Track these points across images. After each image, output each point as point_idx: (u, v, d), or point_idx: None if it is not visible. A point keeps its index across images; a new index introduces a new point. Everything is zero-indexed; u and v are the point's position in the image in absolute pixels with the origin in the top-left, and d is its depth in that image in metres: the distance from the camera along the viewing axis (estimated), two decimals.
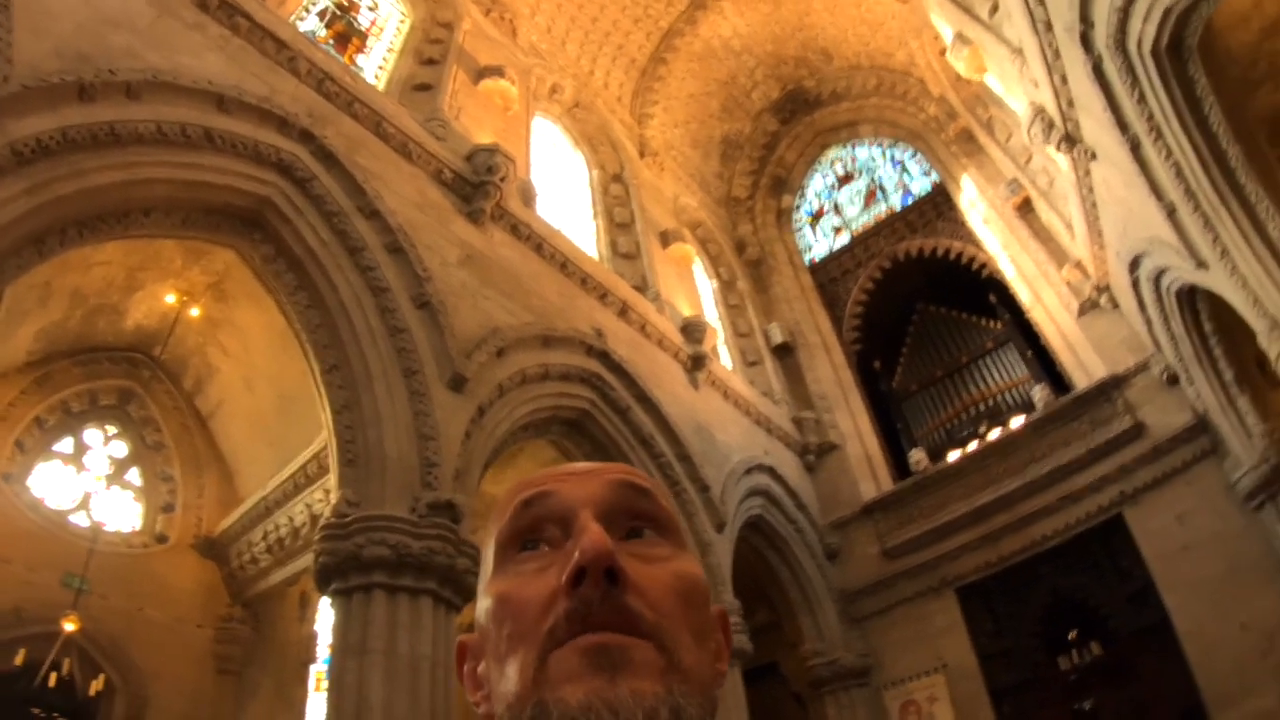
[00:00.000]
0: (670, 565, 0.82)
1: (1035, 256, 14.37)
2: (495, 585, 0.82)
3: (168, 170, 6.58)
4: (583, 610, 0.74)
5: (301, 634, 12.01)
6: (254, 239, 7.25)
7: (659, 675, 0.72)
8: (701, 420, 11.65)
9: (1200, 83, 8.42)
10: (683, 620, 0.78)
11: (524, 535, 0.84)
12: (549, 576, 0.78)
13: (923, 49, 16.48)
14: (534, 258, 10.42)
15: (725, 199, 18.88)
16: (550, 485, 0.86)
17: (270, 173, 7.29)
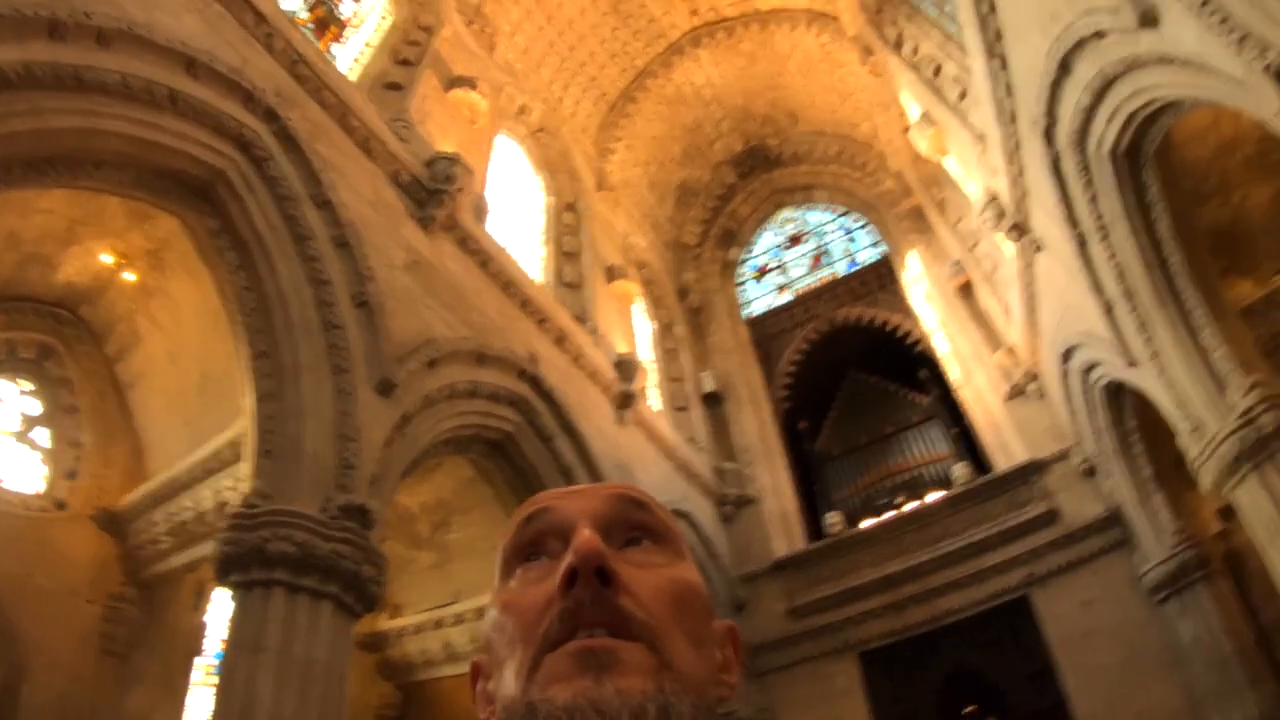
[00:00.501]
0: (666, 571, 0.83)
1: (971, 338, 14.65)
2: (499, 597, 0.85)
3: (126, 125, 6.34)
4: (574, 609, 0.75)
5: (193, 624, 11.48)
6: (201, 210, 6.97)
7: (649, 674, 0.73)
8: (624, 458, 11.52)
9: (1152, 189, 8.70)
10: (676, 624, 0.78)
11: (526, 549, 0.87)
12: (547, 584, 0.80)
13: (887, 124, 16.86)
14: (478, 273, 10.27)
15: (674, 243, 18.94)
16: (551, 502, 0.89)
17: (229, 146, 7.09)
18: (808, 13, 16.10)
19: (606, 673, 0.72)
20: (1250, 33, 5.62)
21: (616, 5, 15.51)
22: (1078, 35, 7.78)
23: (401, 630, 10.75)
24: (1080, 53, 8.02)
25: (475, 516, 9.93)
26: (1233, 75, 6.02)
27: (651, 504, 0.90)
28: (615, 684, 0.71)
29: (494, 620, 0.83)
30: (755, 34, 16.66)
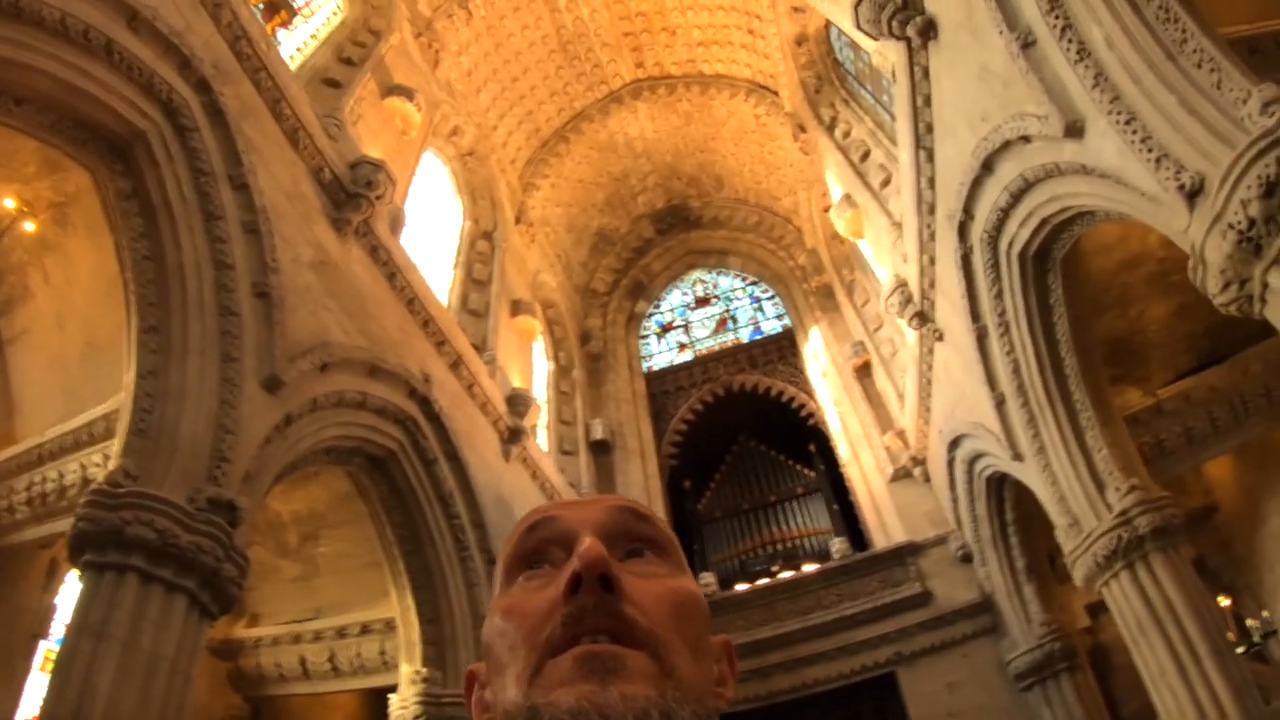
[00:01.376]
0: (668, 582, 0.84)
1: (863, 418, 14.96)
2: (500, 603, 0.85)
3: (57, 66, 5.96)
4: (578, 615, 0.76)
5: (42, 604, 10.53)
6: (115, 169, 6.54)
7: (652, 681, 0.73)
8: (505, 493, 11.24)
9: (1056, 293, 9.04)
10: (677, 632, 0.79)
11: (529, 558, 0.88)
12: (550, 591, 0.80)
13: (809, 201, 17.32)
14: (384, 285, 9.97)
15: (583, 288, 18.90)
16: (554, 512, 0.91)
17: (155, 109, 6.71)
18: (750, 84, 16.52)
19: (611, 678, 0.72)
20: (1169, 153, 5.92)
21: (566, 45, 15.59)
22: (1005, 137, 8.08)
23: (257, 641, 10.09)
24: (1005, 154, 8.33)
25: (346, 532, 9.45)
26: (1147, 191, 6.32)
27: (653, 517, 0.92)
28: (619, 689, 0.71)
29: (495, 626, 0.83)
30: (695, 96, 16.97)
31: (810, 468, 15.78)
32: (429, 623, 8.93)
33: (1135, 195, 6.55)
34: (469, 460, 10.24)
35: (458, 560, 9.45)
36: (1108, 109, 6.42)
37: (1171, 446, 10.24)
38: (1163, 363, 10.31)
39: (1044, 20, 6.80)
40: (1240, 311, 5.67)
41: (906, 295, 12.13)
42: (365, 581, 9.67)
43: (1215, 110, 5.59)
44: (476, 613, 9.35)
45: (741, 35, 15.68)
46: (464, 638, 9.04)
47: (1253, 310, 5.53)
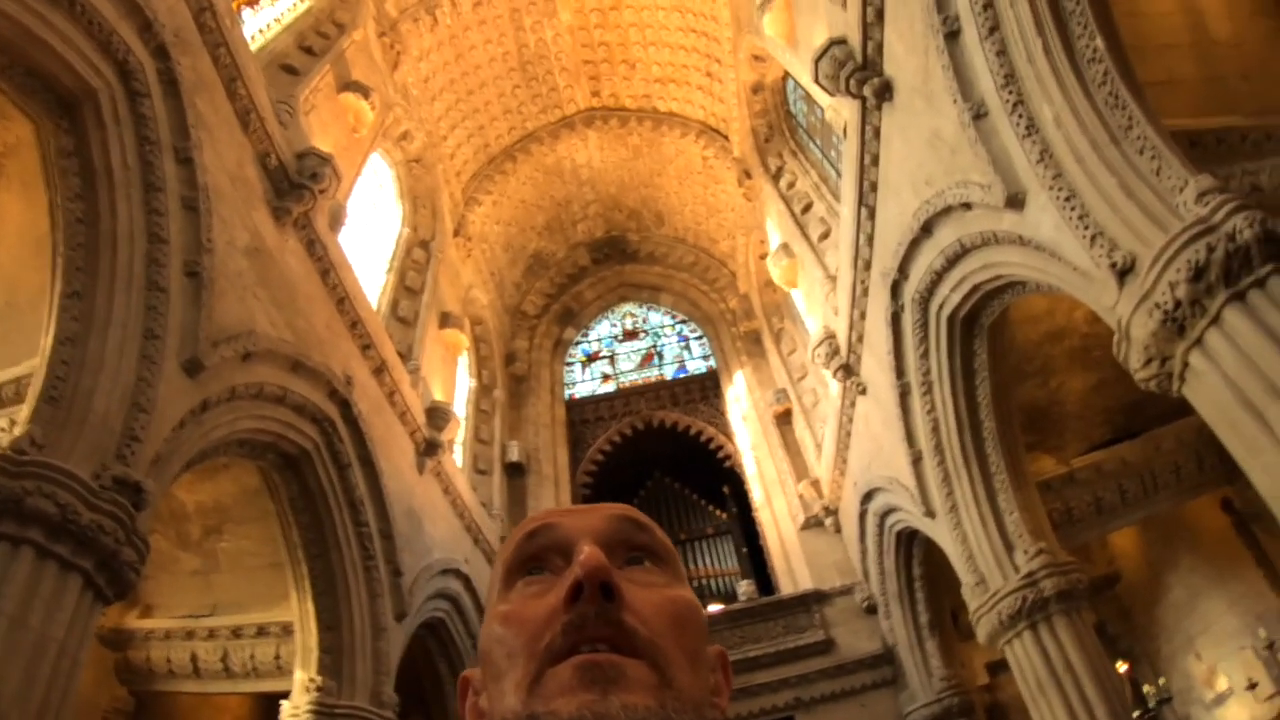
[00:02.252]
0: (666, 591, 0.84)
1: (779, 464, 15.13)
2: (498, 609, 0.84)
3: (16, 9, 5.67)
4: (579, 623, 0.76)
5: None
6: (60, 125, 6.24)
7: (652, 691, 0.73)
8: (416, 506, 11.01)
9: (981, 358, 9.32)
10: (676, 641, 0.79)
11: (528, 564, 0.87)
12: (548, 599, 0.80)
13: (746, 247, 17.58)
14: (316, 280, 9.75)
15: (514, 309, 18.78)
16: (554, 519, 0.90)
17: (110, 69, 6.44)
18: (701, 125, 16.77)
19: (612, 687, 0.71)
20: (1104, 231, 6.19)
21: (525, 65, 15.60)
22: (947, 203, 8.33)
23: (149, 633, 9.56)
24: (945, 219, 8.59)
25: (251, 530, 9.08)
26: (1080, 267, 6.58)
27: (652, 526, 0.92)
28: (620, 699, 0.70)
29: (493, 633, 0.82)
30: (646, 131, 17.13)
31: (723, 509, 15.87)
32: (328, 630, 8.61)
33: (1068, 269, 6.82)
34: (383, 469, 10.00)
35: (363, 569, 9.17)
36: (1050, 184, 6.68)
37: (1080, 514, 10.63)
38: (1078, 434, 10.74)
39: (998, 94, 7.06)
40: (1159, 388, 5.93)
41: (834, 347, 12.36)
42: (266, 582, 9.29)
43: (1153, 195, 5.88)
44: (377, 624, 9.07)
45: (699, 77, 15.94)
46: (363, 648, 8.75)
47: (1172, 388, 5.79)
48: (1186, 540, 11.82)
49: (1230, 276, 5.17)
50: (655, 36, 15.52)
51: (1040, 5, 6.49)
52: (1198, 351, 5.40)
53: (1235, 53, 7.95)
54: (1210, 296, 5.27)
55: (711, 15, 14.60)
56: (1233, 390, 5.08)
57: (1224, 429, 5.25)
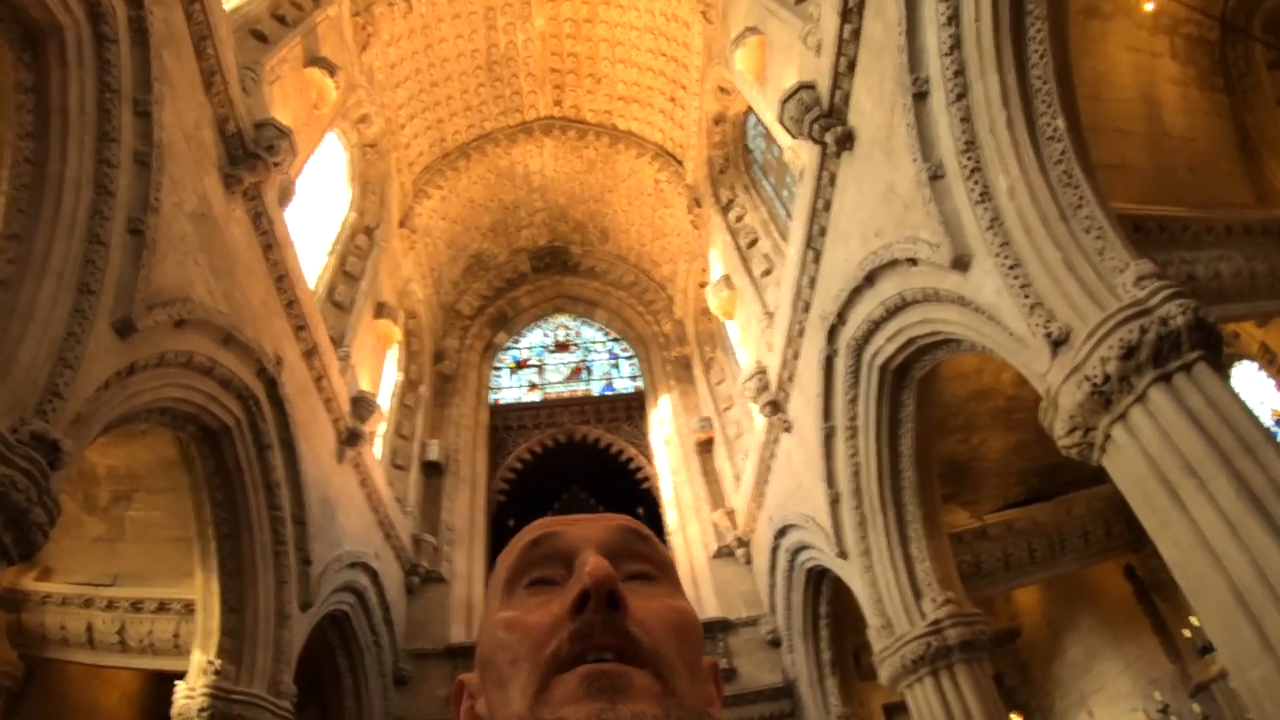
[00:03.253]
0: (667, 602, 0.85)
1: (696, 491, 15.26)
2: (500, 615, 0.84)
3: None
4: (585, 632, 0.76)
5: None
6: (22, 58, 5.99)
7: (657, 699, 0.74)
8: (331, 495, 10.79)
9: (908, 408, 9.59)
10: (678, 651, 0.80)
11: (530, 572, 0.88)
12: (553, 606, 0.81)
13: (687, 273, 17.76)
14: (258, 254, 9.54)
15: (449, 307, 18.60)
16: (557, 528, 0.92)
17: (80, 7, 6.22)
18: (658, 148, 16.92)
19: (619, 696, 0.72)
20: (1044, 302, 6.47)
21: (492, 66, 15.54)
22: (894, 256, 8.57)
23: (46, 596, 9.08)
24: (890, 271, 8.83)
25: (162, 501, 8.77)
26: (1016, 332, 6.86)
27: (652, 537, 0.94)
28: (629, 708, 0.71)
29: (496, 639, 0.82)
30: (603, 147, 17.21)
31: None
32: (231, 612, 8.35)
33: (1004, 334, 7.09)
34: (303, 453, 9.78)
35: (272, 553, 8.93)
36: (997, 251, 6.95)
37: (989, 569, 11.01)
38: (994, 491, 11.15)
39: (957, 158, 7.32)
40: (1080, 456, 6.21)
41: (764, 382, 12.55)
42: (171, 556, 8.96)
43: (1094, 273, 6.18)
44: (282, 611, 8.83)
45: (663, 100, 16.11)
46: (265, 635, 8.50)
47: (1092, 456, 6.08)
48: (1087, 602, 12.37)
49: (1159, 359, 5.48)
50: (625, 55, 15.65)
51: (1009, 80, 6.79)
52: (1120, 426, 5.69)
53: (1186, 147, 8.45)
54: (1138, 375, 5.56)
55: (684, 42, 14.80)
56: (1150, 465, 5.36)
57: (1138, 500, 5.53)
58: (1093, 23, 8.02)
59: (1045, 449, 10.79)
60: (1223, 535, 4.67)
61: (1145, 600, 11.51)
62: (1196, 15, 8.45)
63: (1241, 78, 9.18)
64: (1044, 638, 12.80)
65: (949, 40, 7.13)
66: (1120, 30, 8.15)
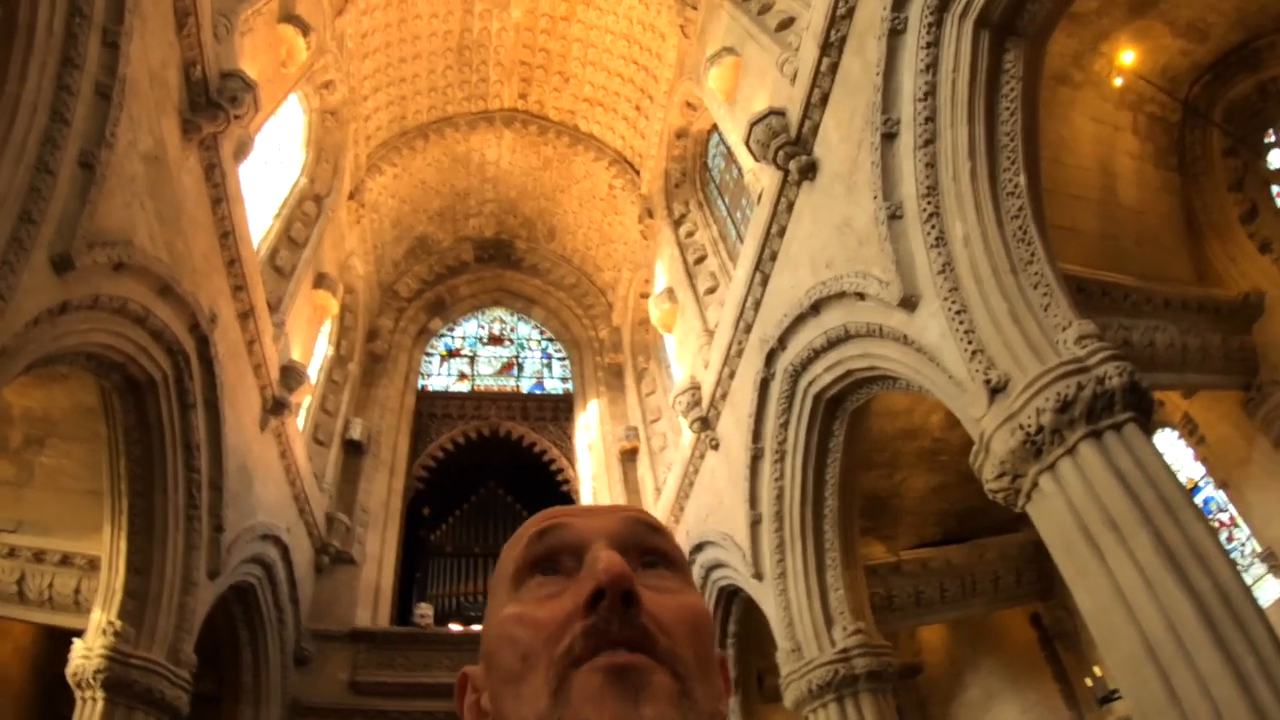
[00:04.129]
0: (680, 597, 0.83)
1: (615, 498, 15.33)
2: (509, 609, 0.82)
3: None
4: (601, 628, 0.75)
5: None
6: None
7: (675, 701, 0.73)
8: (250, 463, 10.52)
9: (837, 439, 9.77)
10: (692, 649, 0.79)
11: (539, 564, 0.85)
12: (564, 601, 0.79)
13: (630, 282, 17.80)
14: (206, 207, 9.29)
15: (387, 287, 18.31)
16: (565, 519, 0.89)
17: None
18: (616, 154, 16.96)
19: (640, 695, 0.71)
20: (986, 350, 6.70)
21: (463, 50, 15.40)
22: (843, 288, 8.75)
23: None
24: (837, 303, 9.01)
25: (76, 450, 8.41)
26: (955, 376, 7.07)
27: (664, 529, 0.91)
28: (650, 709, 0.71)
29: (505, 633, 0.80)
30: (562, 146, 17.19)
31: None
32: (136, 573, 8.03)
33: (943, 376, 7.30)
34: (227, 417, 9.50)
35: (185, 516, 8.63)
36: (945, 295, 7.16)
37: (900, 603, 11.28)
38: (911, 528, 11.44)
39: (918, 201, 7.53)
40: (1006, 501, 6.44)
41: (696, 398, 12.65)
42: (80, 508, 8.58)
43: (1037, 328, 6.43)
44: (189, 577, 8.53)
45: (628, 108, 16.17)
46: (169, 600, 8.20)
47: (1017, 502, 6.31)
48: (991, 645, 12.76)
49: (1092, 415, 5.72)
50: (596, 57, 15.67)
51: (978, 132, 7.03)
52: (1049, 475, 5.92)
53: (1135, 219, 8.86)
54: (1071, 429, 5.79)
55: (657, 53, 14.89)
56: (1074, 516, 5.59)
57: (1059, 548, 5.75)
58: (1063, 89, 8.37)
59: (965, 493, 11.19)
60: (1138, 589, 4.89)
61: (1048, 648, 11.93)
62: (1161, 96, 8.88)
63: (1196, 160, 9.68)
64: (945, 676, 13.17)
65: (925, 86, 7.34)
66: (1087, 100, 8.53)
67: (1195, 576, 4.78)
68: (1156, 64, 8.55)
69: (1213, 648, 4.54)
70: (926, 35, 7.24)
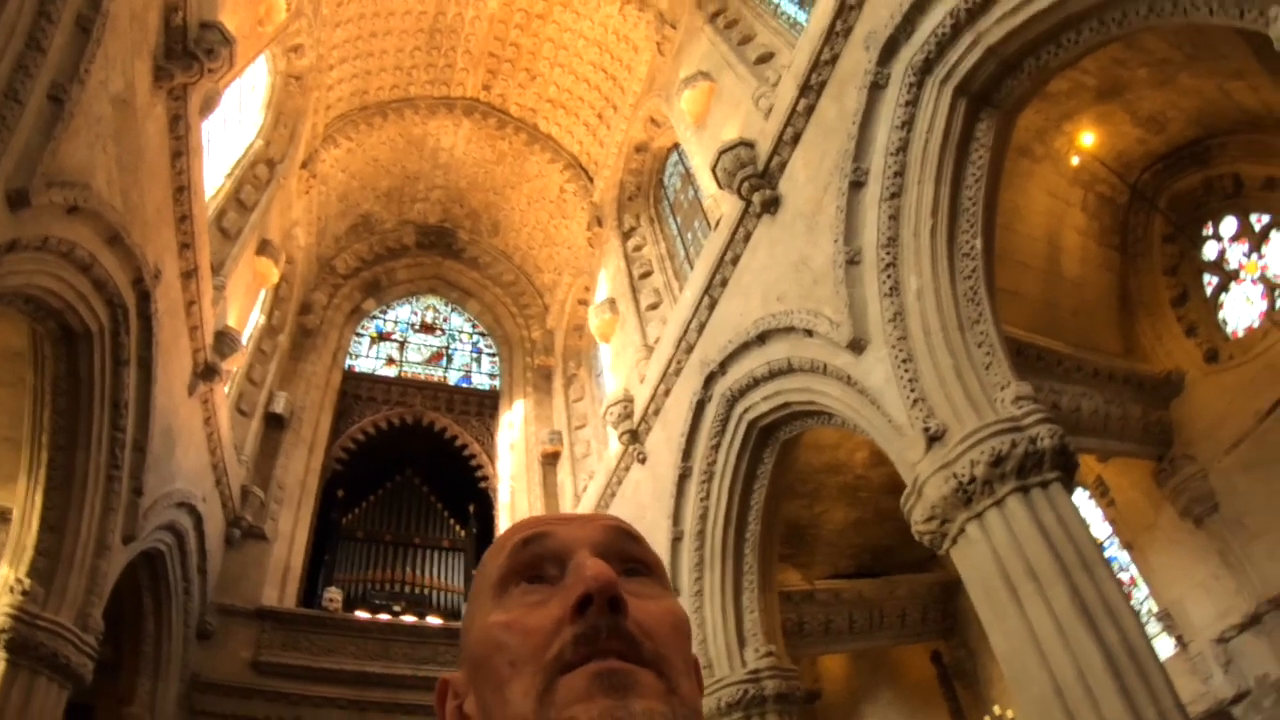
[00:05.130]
0: (661, 603, 0.86)
1: (534, 501, 15.36)
2: (495, 616, 0.83)
3: None
4: (590, 635, 0.77)
5: None
6: None
7: (663, 697, 0.76)
8: (176, 427, 10.24)
9: (766, 467, 10.05)
10: (677, 651, 0.82)
11: (523, 572, 0.87)
12: (550, 608, 0.81)
13: (570, 287, 17.87)
14: (166, 159, 9.07)
15: (326, 261, 17.98)
16: (547, 527, 0.90)
17: None
18: (572, 158, 17.05)
19: (629, 693, 0.73)
20: (927, 399, 7.03)
21: (434, 33, 15.28)
22: (792, 323, 9.01)
23: None
24: (785, 336, 9.26)
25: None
26: (895, 420, 7.38)
27: (642, 538, 0.94)
28: (640, 704, 0.73)
29: (492, 639, 0.81)
30: (518, 144, 17.19)
31: (465, 527, 15.77)
32: (50, 531, 7.71)
33: (882, 419, 7.60)
34: (157, 376, 9.20)
35: (106, 476, 8.34)
36: (894, 343, 7.47)
37: (811, 630, 11.61)
38: (827, 559, 11.81)
39: (877, 250, 7.84)
40: (931, 543, 6.77)
41: (628, 411, 12.77)
42: None
43: (978, 384, 6.79)
44: (104, 540, 8.22)
45: (590, 114, 16.28)
46: (82, 562, 7.88)
47: (942, 545, 6.64)
48: (890, 677, 13.20)
49: (1022, 472, 6.08)
50: (566, 60, 15.76)
51: (943, 192, 7.38)
52: (976, 523, 6.25)
53: (1074, 290, 9.41)
54: (1001, 483, 6.15)
55: (628, 65, 15.06)
56: (996, 563, 5.93)
57: (979, 592, 6.09)
58: (1024, 161, 8.86)
59: (881, 530, 11.65)
60: (1052, 636, 5.25)
61: (946, 685, 12.39)
62: (1113, 178, 9.47)
63: (1137, 242, 10.34)
64: (843, 704, 13.56)
65: (898, 142, 7.68)
66: (1044, 174, 9.04)
67: (1105, 629, 5.15)
68: (1113, 148, 9.14)
69: (1117, 695, 4.91)
70: (906, 94, 7.57)
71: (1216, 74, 8.59)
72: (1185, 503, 9.99)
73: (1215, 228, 10.54)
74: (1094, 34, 6.16)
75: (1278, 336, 9.43)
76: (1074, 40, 6.32)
